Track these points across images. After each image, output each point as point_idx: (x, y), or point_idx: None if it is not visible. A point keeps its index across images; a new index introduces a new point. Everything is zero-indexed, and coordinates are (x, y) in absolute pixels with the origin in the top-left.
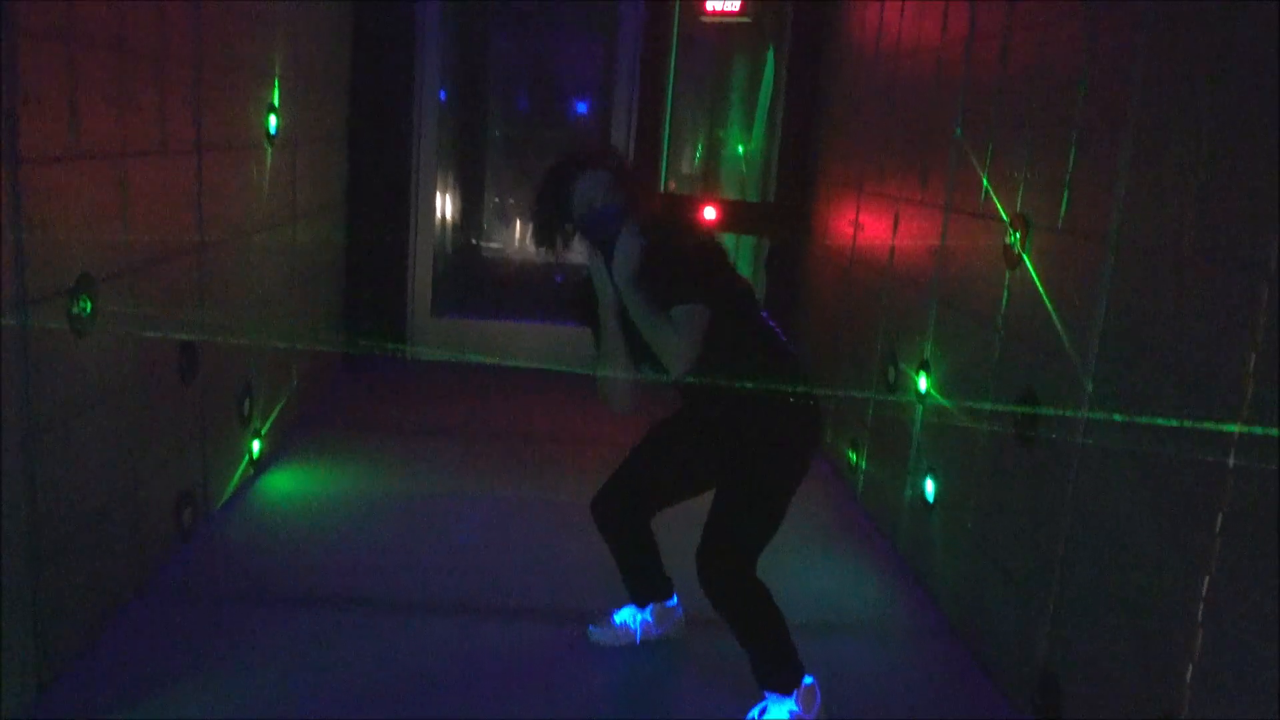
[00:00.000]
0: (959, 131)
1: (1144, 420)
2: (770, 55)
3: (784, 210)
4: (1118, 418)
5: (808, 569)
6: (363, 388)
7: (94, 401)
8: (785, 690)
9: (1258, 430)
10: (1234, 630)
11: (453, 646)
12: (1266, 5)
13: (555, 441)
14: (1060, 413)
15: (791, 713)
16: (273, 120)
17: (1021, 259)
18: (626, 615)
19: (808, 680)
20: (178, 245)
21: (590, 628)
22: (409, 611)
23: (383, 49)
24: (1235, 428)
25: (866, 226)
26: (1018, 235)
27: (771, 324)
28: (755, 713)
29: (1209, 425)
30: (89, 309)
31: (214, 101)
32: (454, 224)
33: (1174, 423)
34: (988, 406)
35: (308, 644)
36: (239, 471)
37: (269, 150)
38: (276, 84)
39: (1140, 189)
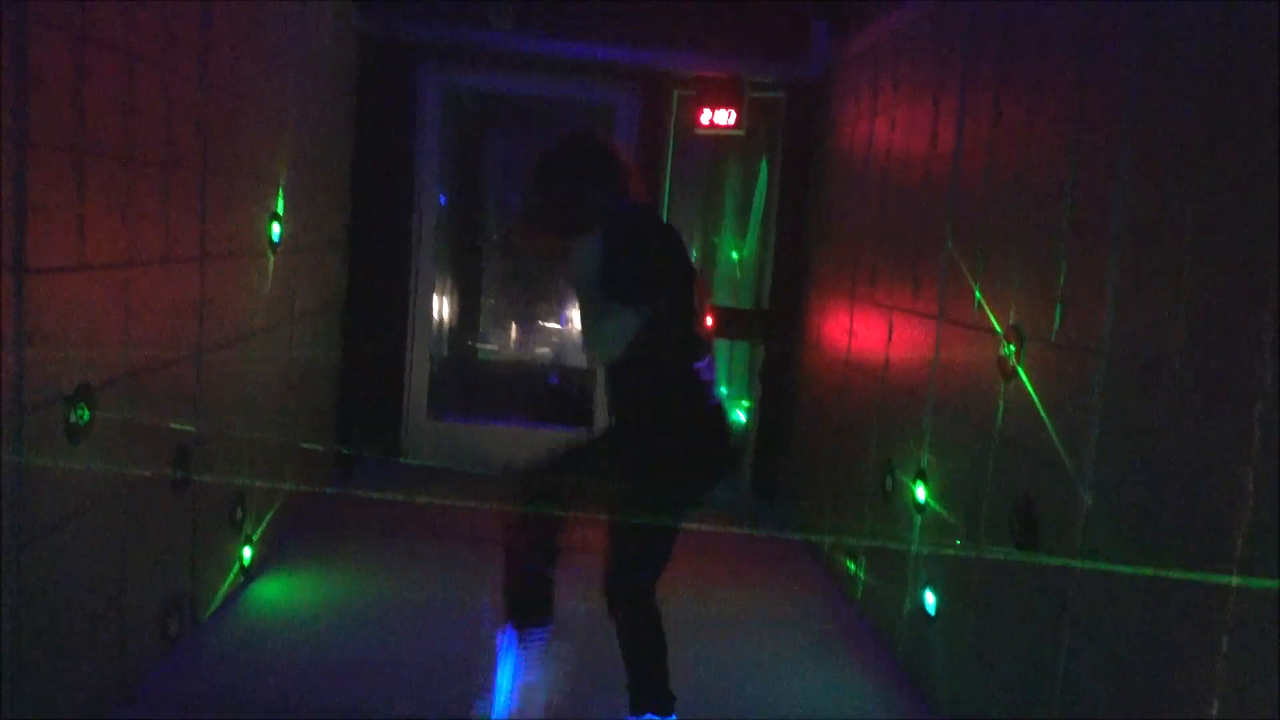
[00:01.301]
0: (949, 243)
1: (1144, 534)
2: (764, 165)
3: (778, 317)
4: (1121, 567)
5: (804, 680)
6: (357, 492)
7: (86, 509)
8: (636, 712)
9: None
10: None
11: None
12: (1254, 122)
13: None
14: (1059, 525)
15: None
16: (276, 228)
17: (1016, 371)
18: None
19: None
20: (177, 352)
21: None
22: None
23: (384, 155)
24: (1233, 577)
25: (861, 335)
26: (1012, 347)
27: (700, 368)
28: None
29: (1210, 540)
30: (87, 417)
31: (218, 210)
32: (450, 326)
33: (1169, 571)
34: (985, 517)
35: None
36: (229, 579)
37: (271, 257)
38: (281, 192)
39: (1129, 302)
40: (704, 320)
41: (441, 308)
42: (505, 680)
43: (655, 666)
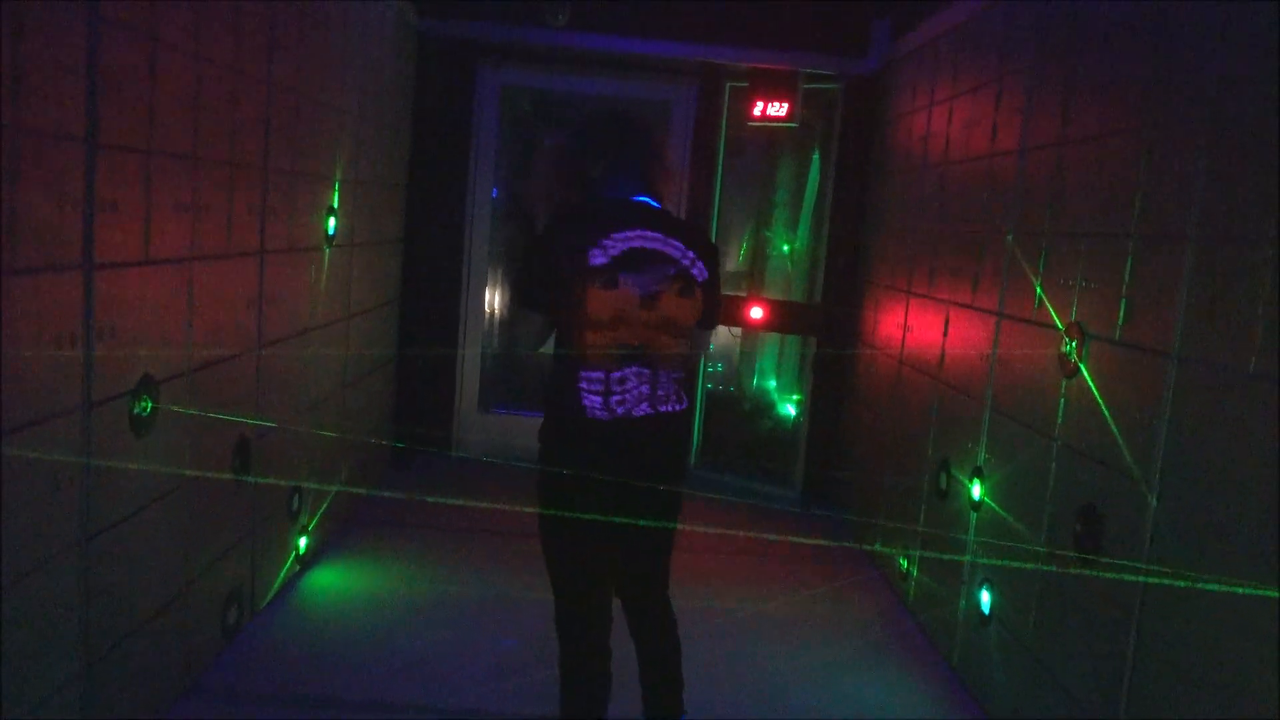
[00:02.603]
0: (1010, 237)
1: (1214, 542)
2: (816, 157)
3: (830, 311)
4: (1183, 581)
5: (853, 684)
6: (410, 484)
7: (149, 502)
8: None
9: None
10: None
11: None
12: None
13: None
14: (1124, 531)
15: None
16: (332, 223)
17: (1078, 368)
18: None
19: None
20: (238, 346)
21: None
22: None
23: (440, 153)
24: None
25: (916, 330)
26: (1074, 344)
27: (590, 376)
28: None
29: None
30: (150, 409)
31: (279, 207)
32: (501, 318)
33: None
34: (1046, 518)
35: None
36: (286, 567)
37: (327, 252)
38: (337, 187)
39: (1202, 305)
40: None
41: (493, 301)
42: None
43: (578, 698)
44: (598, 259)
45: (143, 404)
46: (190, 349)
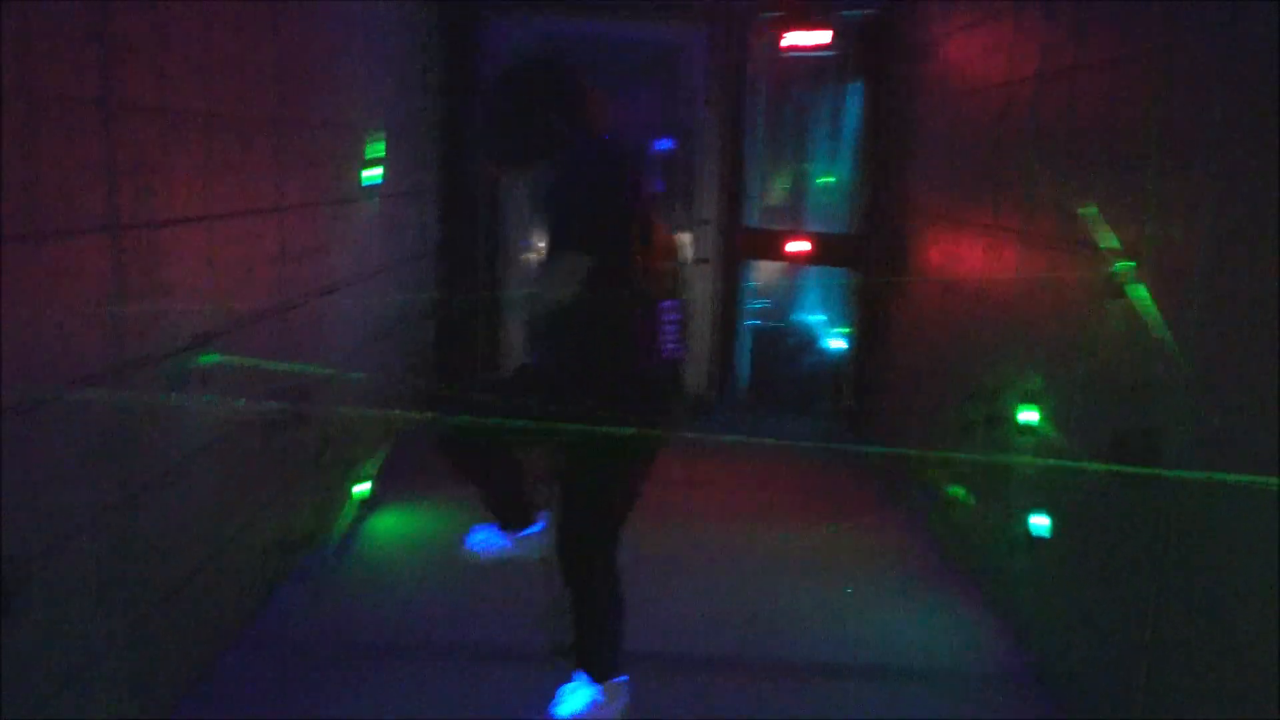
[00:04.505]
0: (1040, 163)
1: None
2: (853, 88)
3: (873, 242)
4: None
5: (887, 610)
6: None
7: (191, 458)
8: (596, 677)
9: None
10: None
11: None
12: None
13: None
14: (1168, 454)
15: (594, 701)
16: (360, 177)
17: (1124, 290)
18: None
19: (620, 678)
20: (278, 300)
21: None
22: (510, 661)
23: (461, 101)
24: None
25: (960, 257)
26: (1123, 266)
27: (667, 319)
28: (565, 688)
29: None
30: (196, 365)
31: (297, 162)
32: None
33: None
34: (1089, 444)
35: (407, 695)
36: (346, 514)
37: (360, 204)
38: (369, 140)
39: (1225, 226)
40: (656, 260)
41: (534, 244)
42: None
43: (594, 625)
44: (660, 186)
45: (188, 362)
46: (231, 305)
